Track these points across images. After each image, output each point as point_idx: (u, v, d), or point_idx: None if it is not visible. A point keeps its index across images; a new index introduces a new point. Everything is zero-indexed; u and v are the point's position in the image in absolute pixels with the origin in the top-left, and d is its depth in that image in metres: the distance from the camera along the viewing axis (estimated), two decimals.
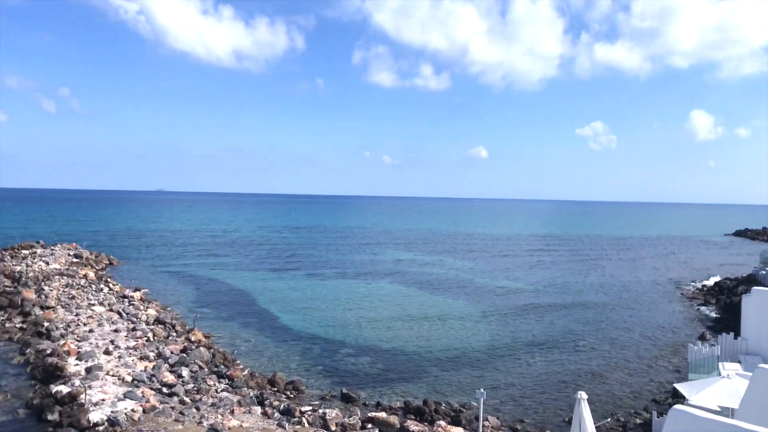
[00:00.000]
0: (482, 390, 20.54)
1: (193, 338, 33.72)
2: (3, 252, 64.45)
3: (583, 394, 15.87)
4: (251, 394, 24.99)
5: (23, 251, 65.71)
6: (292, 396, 26.40)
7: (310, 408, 23.65)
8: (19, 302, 40.01)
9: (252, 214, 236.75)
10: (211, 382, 26.13)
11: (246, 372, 29.10)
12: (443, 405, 25.30)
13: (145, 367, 27.04)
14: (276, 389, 26.91)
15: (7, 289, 45.29)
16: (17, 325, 35.92)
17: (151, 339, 32.50)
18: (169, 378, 25.73)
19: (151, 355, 29.32)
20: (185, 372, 26.81)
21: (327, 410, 22.99)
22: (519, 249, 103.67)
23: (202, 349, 30.91)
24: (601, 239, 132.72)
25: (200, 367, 28.18)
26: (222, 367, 29.06)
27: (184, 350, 30.49)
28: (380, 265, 74.96)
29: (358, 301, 50.41)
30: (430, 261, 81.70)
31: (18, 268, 53.17)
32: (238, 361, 31.44)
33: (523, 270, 73.91)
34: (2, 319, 37.78)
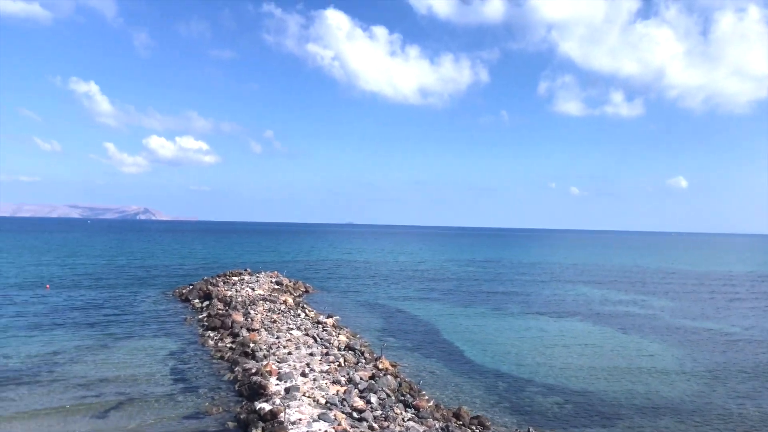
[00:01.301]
0: None
1: (380, 366, 34.65)
2: (217, 278, 71.98)
3: None
4: (437, 425, 24.94)
5: (233, 278, 72.82)
6: (478, 431, 25.89)
7: None
8: (230, 324, 44.27)
9: (436, 246, 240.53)
10: (398, 411, 26.54)
11: (431, 403, 29.17)
12: None
13: (337, 391, 28.26)
14: (461, 423, 26.58)
15: (220, 311, 50.40)
16: (228, 345, 39.68)
17: (342, 364, 33.96)
18: (359, 403, 26.59)
19: (342, 379, 30.59)
20: (374, 399, 27.55)
21: None
22: (735, 290, 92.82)
23: (389, 377, 31.62)
24: None
25: (387, 395, 28.78)
26: (408, 396, 29.43)
27: (372, 377, 31.41)
28: (569, 303, 71.59)
29: (546, 339, 48.47)
30: (627, 300, 76.28)
31: (229, 293, 59.00)
32: (424, 392, 31.64)
33: (741, 315, 65.95)
34: (216, 339, 42.04)
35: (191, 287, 66.57)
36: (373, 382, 30.36)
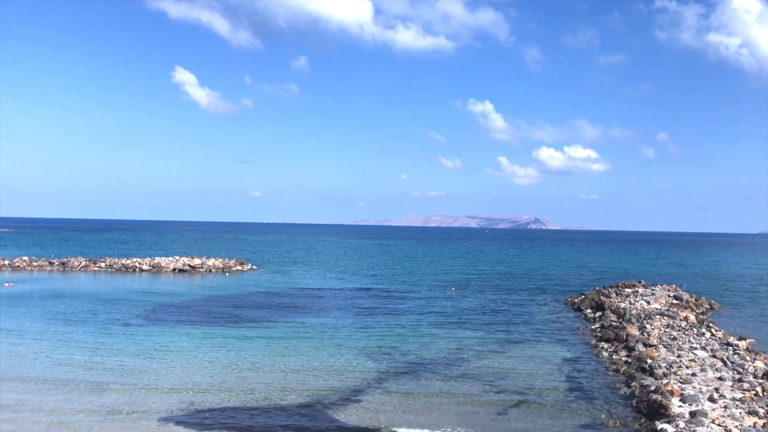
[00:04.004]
0: None
1: None
2: (609, 289, 70.39)
3: None
4: None
5: (626, 289, 70.19)
6: None
7: None
8: (624, 337, 42.82)
9: None
10: None
11: None
12: None
13: (755, 423, 24.78)
14: None
15: (613, 323, 49.18)
16: (623, 358, 38.46)
17: (760, 394, 29.59)
18: None
19: (761, 411, 26.66)
20: None
21: None
22: None
23: None
24: None
25: None
26: None
27: None
28: None
29: None
30: None
31: (622, 304, 57.10)
32: None
33: None
34: (610, 351, 41.18)
35: (583, 297, 66.64)
36: None
